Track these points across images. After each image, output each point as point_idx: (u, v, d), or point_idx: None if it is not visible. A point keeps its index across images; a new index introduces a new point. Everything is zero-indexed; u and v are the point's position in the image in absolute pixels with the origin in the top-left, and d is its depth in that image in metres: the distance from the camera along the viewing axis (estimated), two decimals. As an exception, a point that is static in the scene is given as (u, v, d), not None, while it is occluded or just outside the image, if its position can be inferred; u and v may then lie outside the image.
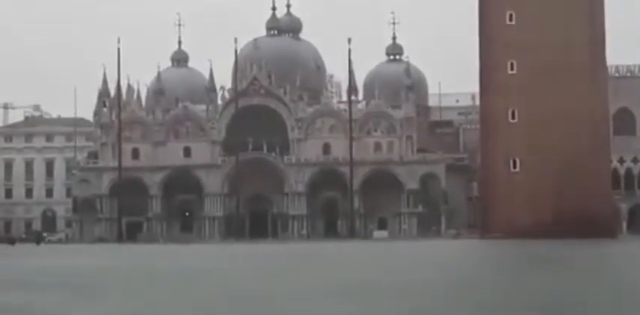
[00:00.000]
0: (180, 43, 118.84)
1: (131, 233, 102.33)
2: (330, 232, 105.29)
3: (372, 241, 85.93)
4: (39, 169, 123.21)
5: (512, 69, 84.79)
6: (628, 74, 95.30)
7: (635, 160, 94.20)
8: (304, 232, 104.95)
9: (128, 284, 28.57)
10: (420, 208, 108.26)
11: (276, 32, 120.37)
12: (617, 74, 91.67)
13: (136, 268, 40.64)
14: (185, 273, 38.47)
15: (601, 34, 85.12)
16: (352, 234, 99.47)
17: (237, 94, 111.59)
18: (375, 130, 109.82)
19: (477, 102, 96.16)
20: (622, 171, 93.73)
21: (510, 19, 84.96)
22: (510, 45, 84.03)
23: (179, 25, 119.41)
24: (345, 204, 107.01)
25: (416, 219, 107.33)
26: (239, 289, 29.26)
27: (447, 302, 22.93)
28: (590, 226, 76.66)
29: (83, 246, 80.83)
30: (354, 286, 28.47)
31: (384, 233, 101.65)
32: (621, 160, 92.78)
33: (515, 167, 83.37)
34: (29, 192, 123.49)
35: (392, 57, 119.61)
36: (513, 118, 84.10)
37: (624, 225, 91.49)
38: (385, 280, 31.24)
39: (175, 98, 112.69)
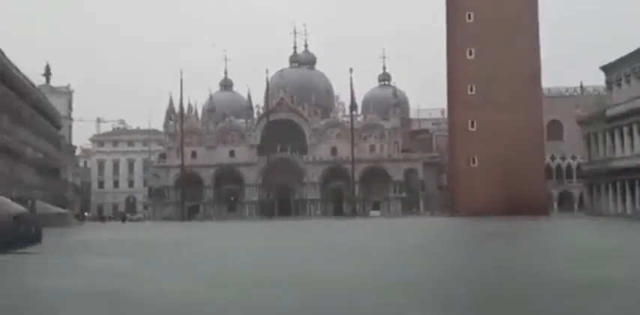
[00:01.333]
0: (226, 72, 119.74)
1: (191, 213, 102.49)
2: (338, 212, 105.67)
3: (368, 219, 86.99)
4: (123, 167, 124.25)
5: (471, 91, 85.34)
6: (558, 94, 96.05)
7: (562, 158, 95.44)
8: (318, 212, 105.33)
9: (190, 249, 30.34)
10: (404, 194, 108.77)
11: (296, 65, 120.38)
12: (550, 94, 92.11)
13: (195, 238, 42.33)
14: (230, 239, 40.38)
15: (537, 66, 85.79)
16: (354, 213, 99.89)
17: (268, 110, 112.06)
18: (370, 137, 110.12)
19: (446, 115, 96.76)
20: (553, 166, 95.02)
21: (470, 54, 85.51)
22: (470, 73, 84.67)
23: (225, 59, 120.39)
24: (348, 191, 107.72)
25: (401, 202, 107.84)
26: (270, 246, 31.46)
27: (418, 257, 25.10)
28: (530, 206, 77.37)
29: (155, 223, 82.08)
30: (350, 247, 30.60)
31: (377, 212, 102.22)
32: (552, 158, 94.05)
33: (474, 163, 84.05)
34: (116, 183, 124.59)
35: (383, 82, 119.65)
36: (472, 127, 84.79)
37: (555, 205, 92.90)
38: (378, 243, 33.23)
39: (223, 114, 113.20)
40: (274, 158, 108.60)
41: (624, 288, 11.27)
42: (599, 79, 77.29)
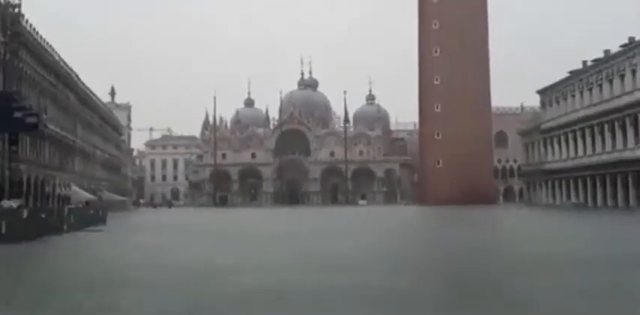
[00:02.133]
0: (249, 93, 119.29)
1: (221, 201, 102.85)
2: (334, 201, 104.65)
3: (357, 207, 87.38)
4: (169, 165, 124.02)
5: (437, 108, 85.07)
6: (504, 112, 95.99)
7: (507, 161, 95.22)
8: (319, 201, 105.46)
9: (223, 229, 30.81)
10: (385, 188, 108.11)
11: (303, 87, 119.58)
12: (497, 112, 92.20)
13: (227, 220, 43.01)
14: (254, 221, 40.91)
15: (487, 90, 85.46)
16: (346, 202, 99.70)
17: (281, 122, 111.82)
18: (359, 143, 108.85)
19: (417, 127, 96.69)
20: (500, 167, 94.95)
21: (436, 80, 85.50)
22: (436, 95, 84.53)
23: (249, 83, 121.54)
24: (342, 185, 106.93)
25: (382, 194, 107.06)
26: (285, 226, 32.00)
27: (392, 235, 25.58)
28: (482, 197, 77.69)
29: (194, 209, 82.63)
30: (342, 229, 31.17)
31: (364, 202, 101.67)
32: (499, 161, 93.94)
33: (439, 164, 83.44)
34: (164, 177, 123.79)
35: (369, 101, 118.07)
36: (438, 136, 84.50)
37: (501, 197, 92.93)
38: (366, 225, 33.93)
39: (246, 125, 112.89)
40: (285, 159, 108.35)
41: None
42: (535, 100, 77.62)
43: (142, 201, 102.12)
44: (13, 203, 22.00)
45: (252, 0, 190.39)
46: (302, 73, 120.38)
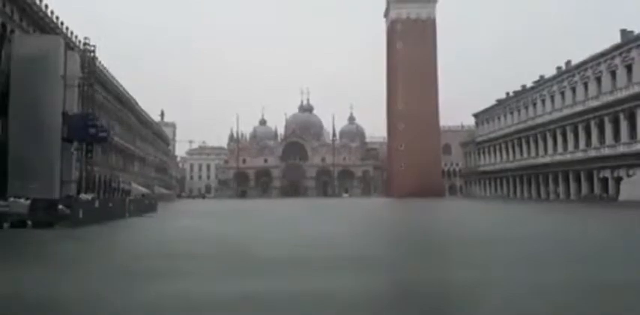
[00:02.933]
0: (263, 115, 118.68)
1: (242, 194, 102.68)
2: (325, 194, 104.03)
3: (342, 198, 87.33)
4: (204, 168, 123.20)
5: (400, 127, 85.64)
6: (449, 129, 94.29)
7: (451, 165, 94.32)
8: (314, 194, 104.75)
9: (244, 214, 30.89)
10: (362, 185, 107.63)
11: (302, 111, 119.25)
12: (445, 129, 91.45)
13: (246, 208, 42.98)
14: (265, 208, 40.79)
15: (436, 112, 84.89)
16: (334, 195, 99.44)
17: (286, 136, 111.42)
18: (343, 152, 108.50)
19: (386, 140, 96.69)
20: (446, 170, 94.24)
21: (400, 106, 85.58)
22: (400, 116, 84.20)
23: (263, 107, 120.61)
24: (331, 182, 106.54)
25: (360, 189, 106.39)
26: (287, 212, 31.84)
27: (369, 218, 25.52)
28: (434, 191, 77.79)
29: (222, 200, 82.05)
30: (331, 216, 31.24)
31: (347, 195, 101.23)
32: (445, 165, 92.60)
33: (402, 167, 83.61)
34: (200, 177, 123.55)
35: (351, 121, 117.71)
36: (402, 147, 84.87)
37: (447, 192, 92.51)
38: (347, 211, 33.92)
39: (261, 138, 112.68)
40: (289, 163, 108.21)
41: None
42: (471, 120, 78.08)
43: (183, 194, 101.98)
44: (88, 196, 22.25)
45: (264, 47, 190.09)
46: (302, 101, 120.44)
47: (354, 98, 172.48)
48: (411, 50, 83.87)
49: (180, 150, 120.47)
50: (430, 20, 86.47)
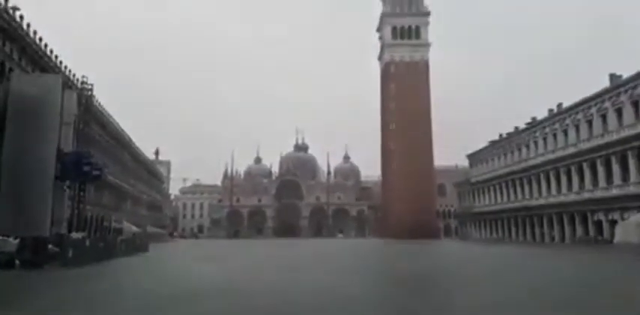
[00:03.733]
0: (258, 153, 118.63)
1: (234, 234, 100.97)
2: (319, 234, 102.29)
3: (336, 239, 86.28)
4: (197, 206, 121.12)
5: (394, 166, 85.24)
6: (444, 169, 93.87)
7: (446, 206, 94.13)
8: (308, 234, 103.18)
9: (238, 254, 30.22)
10: (356, 224, 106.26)
11: (297, 149, 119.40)
12: (439, 169, 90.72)
13: (237, 246, 42.41)
14: (259, 250, 40.19)
15: (431, 153, 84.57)
16: (328, 235, 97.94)
17: (281, 174, 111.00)
18: (338, 191, 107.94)
19: (381, 179, 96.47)
20: (441, 210, 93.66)
21: (393, 146, 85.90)
22: (394, 156, 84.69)
23: (258, 146, 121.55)
24: (326, 222, 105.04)
25: (355, 229, 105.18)
26: (278, 251, 31.10)
27: (361, 257, 25.10)
28: (428, 233, 76.82)
29: (213, 240, 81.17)
30: (324, 254, 30.92)
31: (341, 235, 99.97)
32: (440, 205, 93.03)
33: (396, 208, 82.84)
34: (193, 215, 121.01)
35: (345, 159, 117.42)
36: (396, 187, 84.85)
37: (442, 232, 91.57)
38: (339, 252, 33.54)
39: (256, 176, 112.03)
40: (283, 202, 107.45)
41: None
42: (466, 161, 78.27)
43: (175, 233, 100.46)
44: (79, 235, 21.95)
45: (261, 86, 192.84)
46: (297, 139, 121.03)
47: (350, 137, 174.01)
48: (405, 91, 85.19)
49: (174, 188, 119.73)
50: (423, 62, 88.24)
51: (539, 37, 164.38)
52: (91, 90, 35.55)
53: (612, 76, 43.69)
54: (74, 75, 34.95)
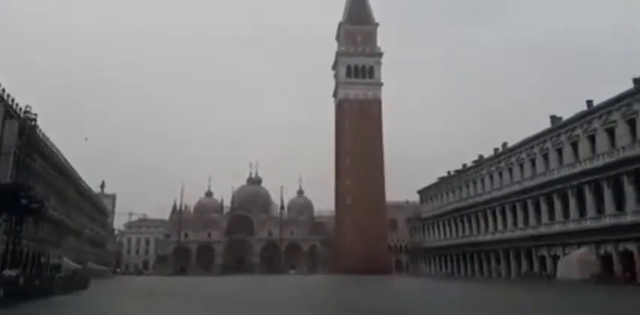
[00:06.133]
0: (209, 187, 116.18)
1: (181, 271, 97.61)
2: (271, 270, 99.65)
3: (289, 275, 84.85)
4: (143, 242, 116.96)
5: (349, 201, 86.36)
6: (396, 205, 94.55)
7: (397, 241, 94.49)
8: (259, 270, 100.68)
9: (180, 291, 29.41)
10: (310, 260, 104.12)
11: (250, 183, 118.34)
12: (391, 204, 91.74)
13: (183, 283, 41.18)
14: (207, 284, 39.09)
15: (382, 190, 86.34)
16: (280, 271, 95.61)
17: (232, 209, 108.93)
18: (291, 225, 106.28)
19: (334, 214, 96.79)
20: (392, 245, 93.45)
21: (347, 182, 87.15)
22: (348, 191, 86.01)
23: (209, 179, 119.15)
24: (278, 258, 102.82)
25: (307, 265, 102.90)
26: (228, 291, 30.57)
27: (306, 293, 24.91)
28: (380, 269, 77.82)
29: (159, 277, 78.32)
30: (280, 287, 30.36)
31: (293, 271, 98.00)
32: (392, 240, 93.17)
33: (348, 243, 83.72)
34: (138, 251, 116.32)
35: (299, 194, 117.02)
36: (348, 222, 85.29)
37: (394, 268, 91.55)
38: (289, 288, 32.91)
39: (207, 210, 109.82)
40: (234, 238, 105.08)
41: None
42: (416, 197, 79.49)
43: (118, 270, 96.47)
44: (13, 272, 20.88)
45: (212, 119, 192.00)
46: (250, 173, 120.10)
47: (303, 172, 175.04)
48: (358, 128, 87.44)
49: (119, 222, 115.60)
50: (376, 101, 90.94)
51: (489, 81, 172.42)
52: (35, 120, 34.60)
53: (553, 118, 46.18)
54: (17, 104, 33.97)
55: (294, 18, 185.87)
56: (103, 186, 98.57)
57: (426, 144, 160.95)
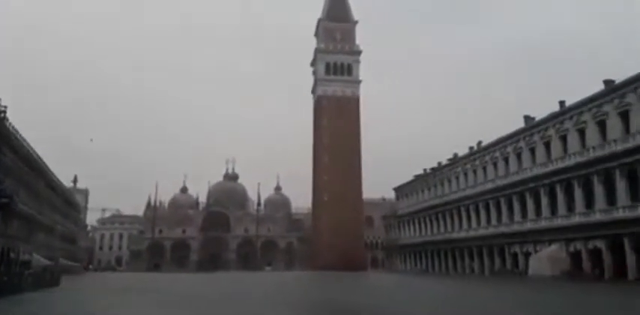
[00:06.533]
0: (184, 182, 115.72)
1: (155, 267, 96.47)
2: (247, 267, 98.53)
3: (265, 271, 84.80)
4: (116, 238, 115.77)
5: (326, 198, 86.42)
6: (372, 202, 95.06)
7: (373, 238, 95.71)
8: (235, 267, 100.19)
9: (151, 287, 29.22)
10: (286, 257, 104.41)
11: (227, 179, 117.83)
12: (367, 201, 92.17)
13: (157, 280, 40.73)
14: (177, 283, 38.83)
15: (359, 186, 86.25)
16: (256, 268, 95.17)
17: (208, 205, 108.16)
18: (268, 222, 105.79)
19: (311, 211, 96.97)
20: (368, 242, 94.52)
21: (325, 178, 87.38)
22: (325, 188, 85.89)
23: (185, 175, 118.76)
24: (254, 254, 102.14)
25: (284, 261, 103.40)
26: (202, 286, 30.41)
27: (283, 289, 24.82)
28: (356, 265, 77.97)
29: (133, 273, 77.21)
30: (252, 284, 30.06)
31: (269, 268, 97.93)
32: (368, 237, 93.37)
33: (325, 240, 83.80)
34: (110, 247, 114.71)
35: (277, 191, 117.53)
36: (325, 218, 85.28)
37: (370, 264, 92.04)
38: (268, 285, 32.92)
39: (182, 206, 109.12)
40: (210, 234, 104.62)
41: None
42: (392, 194, 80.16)
43: (90, 266, 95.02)
44: (-20, 268, 20.43)
45: (189, 114, 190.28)
46: (227, 169, 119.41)
47: (281, 168, 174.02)
48: (336, 125, 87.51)
49: (92, 218, 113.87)
50: (354, 98, 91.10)
51: (467, 80, 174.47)
52: (4, 112, 33.83)
53: (527, 118, 46.97)
54: (-14, 97, 33.15)
55: (273, 14, 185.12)
56: (75, 181, 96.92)
57: (403, 142, 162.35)
